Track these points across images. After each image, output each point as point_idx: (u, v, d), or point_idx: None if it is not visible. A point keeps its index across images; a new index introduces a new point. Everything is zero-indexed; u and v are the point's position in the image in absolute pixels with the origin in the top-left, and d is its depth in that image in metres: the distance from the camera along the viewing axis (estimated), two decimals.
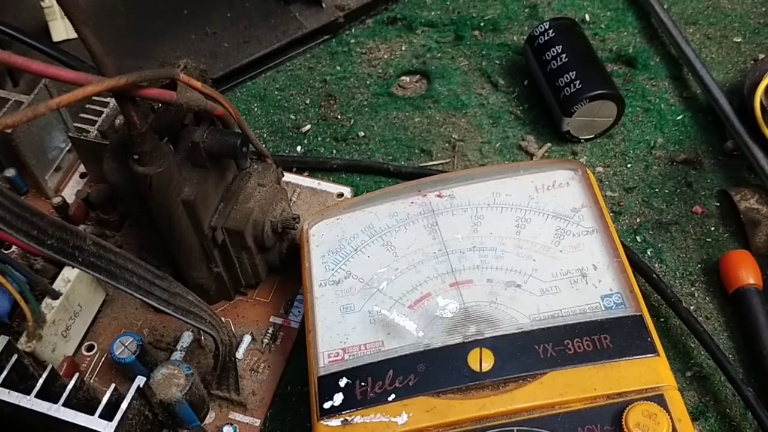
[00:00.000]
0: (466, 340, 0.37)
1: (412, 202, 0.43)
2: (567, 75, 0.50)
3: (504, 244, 0.41)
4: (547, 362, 0.36)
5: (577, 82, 0.49)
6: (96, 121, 0.48)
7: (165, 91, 0.35)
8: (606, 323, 0.37)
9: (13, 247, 0.46)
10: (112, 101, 0.49)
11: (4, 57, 0.29)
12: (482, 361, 0.36)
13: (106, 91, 0.31)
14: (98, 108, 0.49)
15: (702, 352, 0.42)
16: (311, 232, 0.43)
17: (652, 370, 0.35)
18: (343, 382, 0.37)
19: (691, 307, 0.44)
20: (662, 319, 0.44)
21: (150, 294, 0.35)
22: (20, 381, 0.36)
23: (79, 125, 0.48)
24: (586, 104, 0.49)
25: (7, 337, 0.37)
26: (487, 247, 0.41)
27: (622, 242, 0.44)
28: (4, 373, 0.35)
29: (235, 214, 0.41)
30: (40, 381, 0.35)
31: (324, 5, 0.61)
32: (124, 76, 0.32)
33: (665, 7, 0.58)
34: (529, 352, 0.36)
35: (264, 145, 0.54)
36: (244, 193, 0.42)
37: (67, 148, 0.51)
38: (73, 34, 0.61)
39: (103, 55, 0.32)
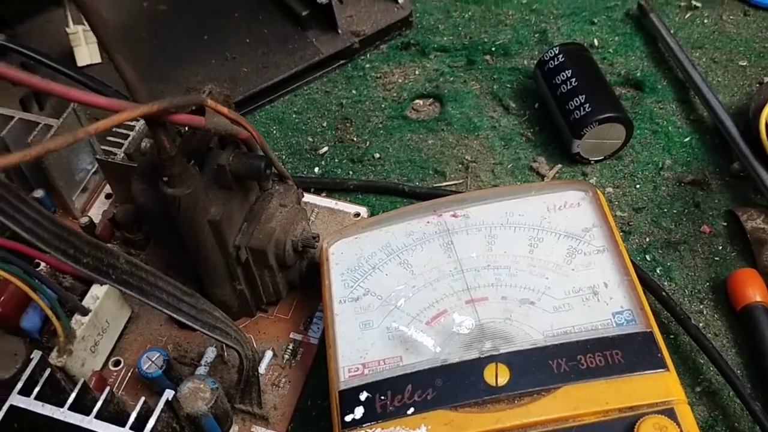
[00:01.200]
0: (482, 356, 0.38)
1: (427, 222, 0.45)
2: (577, 98, 0.51)
3: (517, 262, 0.42)
4: (560, 377, 0.37)
5: (587, 105, 0.51)
6: (122, 144, 0.50)
7: (194, 116, 0.36)
8: (617, 339, 0.38)
9: (42, 265, 0.47)
10: (137, 125, 0.51)
11: (44, 85, 0.31)
12: (498, 375, 0.37)
13: (139, 117, 0.33)
14: (124, 131, 0.50)
15: (711, 368, 0.43)
16: (331, 250, 0.45)
17: (663, 385, 0.36)
18: (363, 396, 0.38)
19: (700, 324, 0.45)
20: (672, 336, 0.45)
21: (179, 310, 0.36)
22: (52, 394, 0.38)
23: (107, 148, 0.50)
24: (595, 127, 0.50)
25: (40, 352, 0.38)
26: (501, 265, 0.42)
27: (632, 261, 0.46)
28: (39, 386, 0.37)
29: (258, 233, 0.43)
30: (73, 394, 0.37)
31: (340, 31, 0.62)
32: (156, 103, 0.34)
33: (672, 31, 0.59)
34: (543, 367, 0.37)
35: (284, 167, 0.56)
36: (267, 213, 0.44)
37: (94, 170, 0.53)
38: (97, 59, 0.64)
39: (136, 82, 0.34)
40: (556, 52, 0.55)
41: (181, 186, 0.38)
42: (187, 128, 0.41)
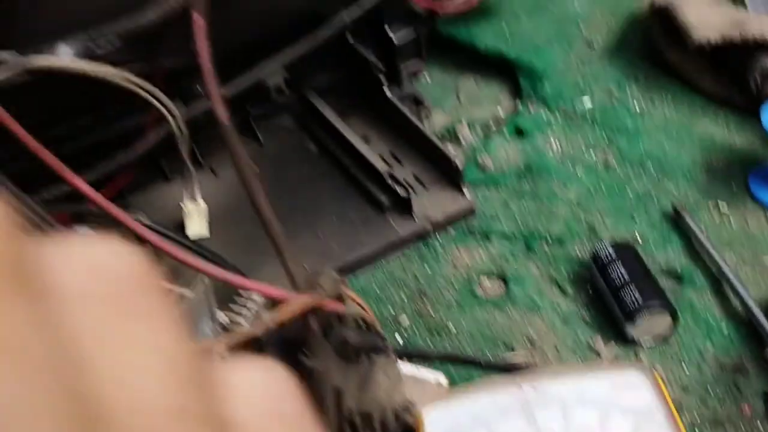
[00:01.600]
0: None
1: (510, 394, 0.52)
2: (629, 290, 0.60)
3: None
4: None
5: (638, 296, 0.59)
6: (241, 313, 0.58)
7: (338, 304, 0.45)
8: None
9: None
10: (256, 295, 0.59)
11: (226, 276, 0.40)
12: None
13: (304, 307, 0.42)
14: (243, 301, 0.59)
15: None
16: (427, 418, 0.52)
17: None
18: None
19: None
20: None
21: None
22: None
23: (228, 314, 0.59)
24: (646, 315, 0.59)
25: None
26: None
27: None
28: None
29: (367, 400, 0.50)
30: None
31: (415, 217, 0.73)
32: (316, 296, 0.42)
33: (703, 230, 0.69)
34: None
35: None
36: (374, 382, 0.51)
37: (210, 335, 0.61)
38: (206, 234, 0.73)
39: (299, 277, 0.43)
40: (608, 248, 0.64)
41: (317, 359, 0.46)
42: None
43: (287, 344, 0.48)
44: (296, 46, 0.77)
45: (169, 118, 0.64)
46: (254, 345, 0.52)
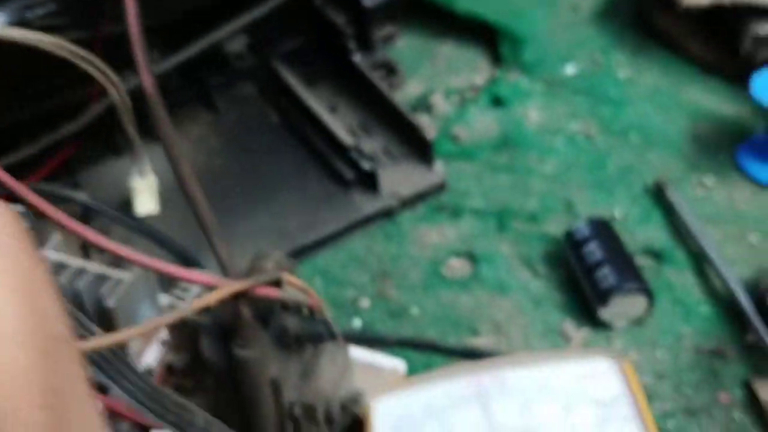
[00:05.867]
0: None
1: (466, 384, 0.48)
2: (602, 270, 0.56)
3: (553, 428, 0.45)
4: None
5: (611, 277, 0.55)
6: (184, 298, 0.54)
7: (273, 289, 0.41)
8: None
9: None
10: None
11: (148, 262, 0.36)
12: None
13: (234, 293, 0.38)
14: (186, 285, 0.55)
15: None
16: (374, 409, 0.48)
17: None
18: None
19: None
20: None
21: None
22: None
23: (169, 297, 0.55)
24: (619, 296, 0.55)
25: None
26: (536, 431, 0.45)
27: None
28: None
29: (310, 390, 0.46)
30: None
31: (381, 193, 0.68)
32: (246, 281, 0.38)
33: (687, 206, 0.65)
34: None
35: None
36: (319, 371, 0.47)
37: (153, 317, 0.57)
38: (154, 211, 0.69)
39: (230, 261, 0.39)
40: (583, 225, 0.60)
41: (251, 348, 0.42)
42: None
43: (221, 333, 0.44)
44: (257, 7, 0.72)
45: (110, 88, 0.59)
46: (191, 333, 0.48)
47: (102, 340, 0.30)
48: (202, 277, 0.36)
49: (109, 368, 0.35)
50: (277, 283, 0.42)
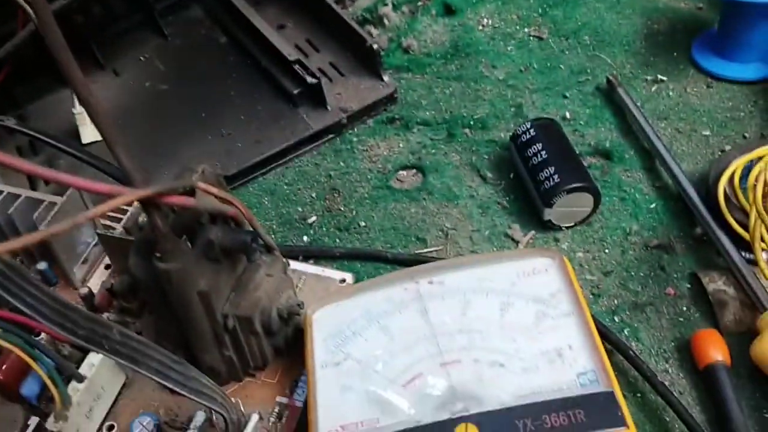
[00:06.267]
0: (453, 416, 0.40)
1: (405, 288, 0.48)
2: (546, 170, 0.55)
3: (489, 326, 0.45)
4: None
5: (556, 176, 0.54)
6: (121, 219, 0.54)
7: (185, 198, 0.40)
8: (580, 399, 0.40)
9: (42, 334, 0.50)
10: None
11: (48, 174, 0.35)
12: None
13: (135, 201, 0.37)
14: (123, 207, 0.54)
15: (676, 425, 0.45)
16: (314, 317, 0.48)
17: None
18: None
19: (666, 383, 0.47)
20: (639, 395, 0.47)
21: (168, 377, 0.39)
22: None
23: (106, 222, 0.54)
24: (564, 196, 0.54)
25: (37, 419, 0.41)
26: (474, 329, 0.45)
27: (600, 323, 0.48)
28: None
29: (245, 302, 0.46)
30: None
31: (329, 108, 0.67)
32: (150, 188, 0.37)
33: (638, 104, 0.63)
34: (510, 427, 0.39)
35: (273, 237, 0.59)
36: (254, 283, 0.47)
37: (94, 243, 0.56)
38: (100, 137, 0.68)
39: (133, 169, 0.37)
40: (528, 126, 0.58)
41: (173, 261, 0.41)
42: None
43: (145, 247, 0.43)
44: None
45: (30, 12, 0.57)
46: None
47: None
48: (102, 187, 0.35)
49: (8, 284, 0.34)
50: (190, 193, 0.41)
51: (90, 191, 0.35)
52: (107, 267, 0.56)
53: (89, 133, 0.67)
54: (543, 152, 0.56)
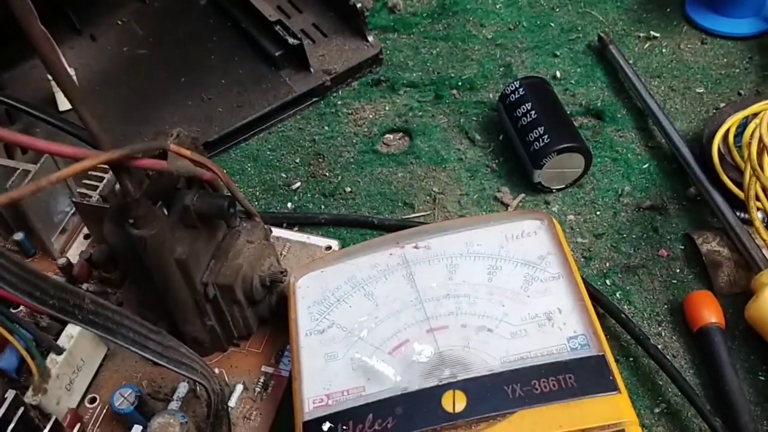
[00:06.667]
0: (440, 383, 0.39)
1: (390, 254, 0.46)
2: (536, 130, 0.53)
3: (477, 291, 0.43)
4: (515, 402, 0.38)
5: (546, 137, 0.53)
6: (98, 187, 0.52)
7: (156, 161, 0.38)
8: (571, 363, 0.39)
9: (21, 307, 0.49)
10: None
11: (9, 136, 0.33)
12: (455, 402, 0.38)
13: (101, 164, 0.35)
14: (100, 174, 0.52)
15: (669, 389, 0.44)
16: (297, 284, 0.46)
17: (614, 407, 0.37)
18: (326, 427, 0.39)
19: (659, 346, 0.46)
20: (631, 359, 0.46)
21: (145, 348, 0.38)
22: None
23: (83, 191, 0.52)
24: (554, 157, 0.52)
25: (14, 391, 0.40)
26: (461, 294, 0.43)
27: (591, 286, 0.47)
28: (12, 425, 0.38)
29: (225, 270, 0.44)
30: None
31: (312, 70, 0.65)
32: (117, 150, 0.35)
33: (631, 62, 0.61)
34: (499, 392, 0.38)
35: (256, 203, 0.58)
36: (234, 250, 0.45)
37: (72, 212, 0.54)
38: None
39: (99, 131, 0.35)
40: (517, 85, 0.57)
41: (146, 227, 0.39)
42: (152, 171, 0.43)
43: (119, 214, 0.41)
44: None
45: None
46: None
47: None
48: (67, 150, 0.33)
49: None
50: (162, 156, 0.39)
51: (55, 154, 0.33)
52: (86, 237, 0.55)
53: (66, 101, 0.65)
54: (532, 112, 0.54)
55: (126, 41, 0.71)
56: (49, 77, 0.65)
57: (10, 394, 0.39)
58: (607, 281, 0.50)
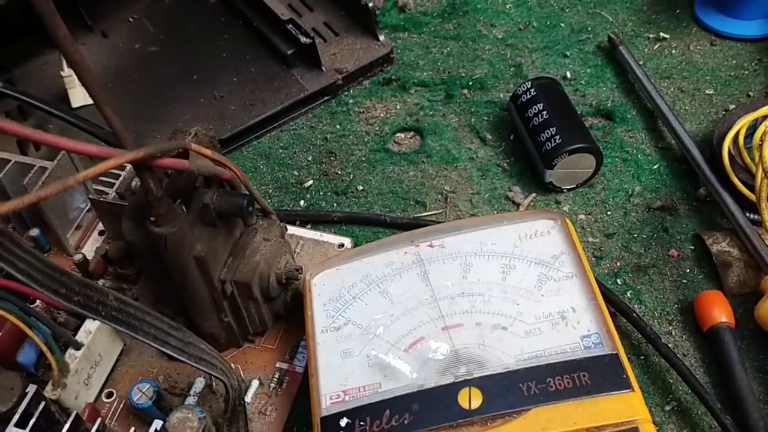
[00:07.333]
0: (456, 380, 0.40)
1: (405, 252, 0.47)
2: (548, 130, 0.54)
3: (491, 289, 0.44)
4: (531, 399, 0.39)
5: (557, 137, 0.53)
6: (114, 184, 0.52)
7: (178, 160, 0.38)
8: (585, 362, 0.40)
9: (38, 301, 0.49)
10: (128, 165, 0.53)
11: (36, 135, 0.33)
12: (471, 399, 0.39)
13: (127, 163, 0.35)
14: (116, 171, 0.53)
15: (680, 387, 0.45)
16: (313, 282, 0.47)
17: (628, 405, 0.38)
18: (344, 422, 0.40)
19: (669, 345, 0.47)
20: (642, 357, 0.47)
21: (166, 344, 0.38)
22: (47, 427, 0.40)
23: (99, 188, 0.53)
24: (566, 157, 0.53)
25: (35, 386, 0.40)
26: (475, 292, 0.44)
27: (602, 285, 0.48)
28: (33, 419, 0.39)
29: (243, 267, 0.45)
30: (66, 426, 0.38)
31: (324, 69, 0.65)
32: (142, 149, 0.36)
33: (640, 63, 0.62)
34: (514, 390, 0.39)
35: (269, 201, 0.58)
36: (251, 248, 0.46)
37: (87, 208, 0.55)
38: (90, 101, 0.66)
39: (123, 130, 0.36)
40: (529, 86, 0.57)
41: (167, 225, 0.40)
42: (172, 169, 0.43)
43: (139, 211, 0.42)
44: None
45: None
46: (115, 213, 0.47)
47: None
48: (93, 149, 0.34)
49: (0, 250, 0.33)
50: (183, 155, 0.39)
51: (81, 153, 0.34)
52: (101, 233, 0.55)
53: (79, 97, 0.66)
54: (544, 112, 0.55)
55: (137, 38, 0.72)
56: (62, 74, 0.66)
57: (32, 389, 0.40)
58: (618, 280, 0.50)
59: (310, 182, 0.59)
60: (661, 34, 0.65)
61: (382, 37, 0.67)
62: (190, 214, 0.43)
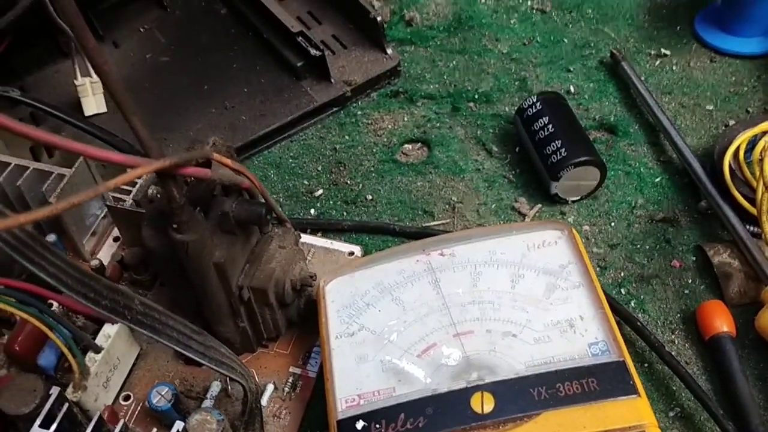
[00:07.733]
0: (469, 385, 0.41)
1: (417, 261, 0.48)
2: (554, 143, 0.55)
3: (500, 297, 0.45)
4: (541, 404, 0.40)
5: (563, 150, 0.55)
6: (131, 191, 0.53)
7: (201, 169, 0.40)
8: (593, 368, 0.41)
9: (55, 305, 0.50)
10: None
11: (66, 144, 0.34)
12: (484, 403, 0.40)
13: (153, 172, 0.37)
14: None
15: (683, 394, 0.46)
16: (327, 289, 0.48)
17: (635, 410, 0.39)
18: (360, 425, 0.41)
19: (673, 353, 0.48)
20: (646, 365, 0.48)
21: (188, 347, 0.40)
22: (70, 428, 0.41)
23: (116, 194, 0.54)
24: (571, 170, 0.54)
25: (58, 388, 0.41)
26: (485, 300, 0.45)
27: (607, 294, 0.49)
28: (57, 420, 0.40)
29: (260, 274, 0.46)
30: (90, 427, 0.39)
31: (333, 80, 0.66)
32: (167, 159, 0.37)
33: (642, 78, 0.63)
34: (525, 395, 0.40)
35: (280, 209, 0.59)
36: (267, 255, 0.47)
37: (102, 215, 0.56)
38: (103, 109, 0.67)
39: (150, 140, 0.37)
40: (534, 100, 0.59)
41: (189, 232, 0.41)
42: (193, 178, 0.44)
43: (159, 219, 0.43)
44: None
45: None
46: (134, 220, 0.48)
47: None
48: (119, 157, 0.35)
49: (31, 255, 0.34)
50: (206, 164, 0.41)
51: (107, 161, 0.35)
52: (116, 239, 0.56)
53: (92, 106, 0.67)
54: (550, 126, 0.57)
55: (148, 48, 0.73)
56: (75, 82, 0.67)
57: (55, 391, 0.41)
58: (622, 290, 0.52)
59: (320, 191, 0.60)
60: (662, 50, 0.67)
61: (389, 51, 0.69)
62: (209, 221, 0.44)
